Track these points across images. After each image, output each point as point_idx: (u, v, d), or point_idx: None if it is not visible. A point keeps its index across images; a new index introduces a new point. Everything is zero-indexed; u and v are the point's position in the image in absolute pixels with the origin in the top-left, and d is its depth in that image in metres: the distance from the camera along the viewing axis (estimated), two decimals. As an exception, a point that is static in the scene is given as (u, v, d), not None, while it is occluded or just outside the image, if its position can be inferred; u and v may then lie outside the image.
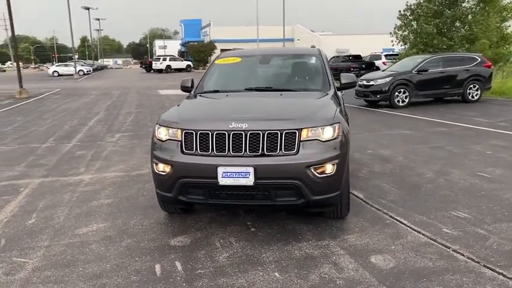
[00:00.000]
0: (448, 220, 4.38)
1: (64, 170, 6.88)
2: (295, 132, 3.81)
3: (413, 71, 14.09)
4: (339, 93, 5.42)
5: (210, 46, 52.48)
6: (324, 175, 3.85)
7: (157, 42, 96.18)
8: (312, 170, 3.79)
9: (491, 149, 7.51)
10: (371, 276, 3.31)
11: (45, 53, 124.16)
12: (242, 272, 3.42)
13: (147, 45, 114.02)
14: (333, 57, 31.95)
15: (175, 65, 49.29)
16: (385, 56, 30.19)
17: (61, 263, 3.66)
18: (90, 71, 52.16)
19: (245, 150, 3.81)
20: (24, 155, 8.17)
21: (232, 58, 5.76)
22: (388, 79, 14.03)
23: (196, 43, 56.11)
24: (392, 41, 26.42)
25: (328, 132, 3.91)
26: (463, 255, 3.61)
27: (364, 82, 14.54)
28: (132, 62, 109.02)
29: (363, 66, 27.90)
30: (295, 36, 57.66)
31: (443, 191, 5.29)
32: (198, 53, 54.71)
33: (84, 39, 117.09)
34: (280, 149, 3.79)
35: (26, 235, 4.28)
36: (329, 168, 3.87)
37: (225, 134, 3.83)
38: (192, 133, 3.92)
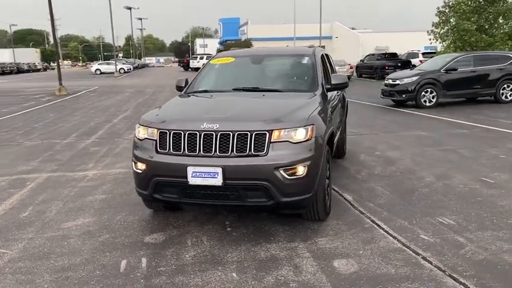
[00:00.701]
0: (430, 226, 4.24)
1: (73, 166, 7.16)
2: (265, 134, 3.81)
3: (441, 70, 13.62)
4: (334, 93, 5.36)
5: (247, 44, 52.66)
6: (294, 177, 3.83)
7: (198, 41, 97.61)
8: (281, 171, 3.78)
9: (506, 153, 7.17)
10: (327, 280, 3.28)
11: (93, 51, 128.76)
12: (201, 271, 3.46)
13: (189, 44, 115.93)
14: (368, 55, 31.37)
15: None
16: (423, 54, 29.28)
17: (36, 255, 3.84)
18: (130, 69, 53.69)
19: (215, 151, 3.85)
20: (44, 150, 8.56)
21: (226, 58, 5.81)
22: (414, 78, 13.64)
23: (233, 41, 56.50)
24: (430, 39, 25.67)
25: (300, 134, 3.88)
26: (431, 263, 3.50)
27: (390, 81, 14.21)
28: (173, 61, 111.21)
29: (399, 64, 27.16)
30: (333, 34, 56.91)
31: (437, 196, 5.12)
32: (235, 52, 54.96)
33: (129, 38, 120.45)
34: (250, 150, 3.80)
35: (15, 227, 4.51)
36: (300, 170, 3.84)
37: (196, 134, 3.89)
38: (166, 133, 4.01)
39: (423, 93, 13.48)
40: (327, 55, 6.59)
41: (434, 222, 4.35)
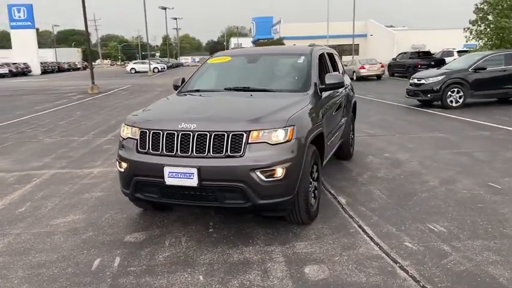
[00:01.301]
0: (418, 233, 4.06)
1: (82, 163, 7.32)
2: (243, 134, 3.75)
3: (469, 69, 13.08)
4: (329, 93, 5.21)
5: (278, 43, 52.45)
6: (272, 179, 3.75)
7: (233, 40, 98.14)
8: (258, 173, 3.71)
9: (523, 157, 6.79)
10: (292, 286, 3.18)
11: (131, 51, 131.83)
12: (169, 273, 3.44)
13: (224, 43, 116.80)
14: (400, 53, 30.58)
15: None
16: (458, 52, 28.24)
17: (17, 250, 3.93)
18: (164, 68, 54.57)
19: (192, 151, 3.81)
20: (60, 147, 8.80)
21: (222, 57, 5.78)
22: (440, 78, 13.16)
23: (265, 40, 56.41)
24: (466, 37, 24.80)
25: (278, 135, 3.80)
26: (407, 273, 3.34)
27: (415, 80, 13.77)
28: None
29: (432, 63, 26.29)
30: (368, 32, 55.83)
31: (435, 202, 4.90)
32: (265, 51, 54.86)
33: (165, 38, 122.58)
34: (226, 151, 3.75)
35: (7, 222, 4.64)
36: (278, 172, 3.76)
37: (174, 133, 3.87)
38: (146, 132, 4.01)
39: (449, 93, 12.98)
40: (330, 54, 6.44)
41: (424, 229, 4.15)
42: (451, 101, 13.00)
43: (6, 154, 8.25)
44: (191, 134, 3.82)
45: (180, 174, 3.80)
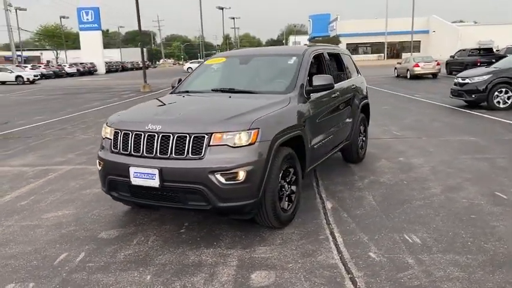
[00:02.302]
0: (390, 243, 3.86)
1: (100, 160, 7.64)
2: (204, 136, 3.76)
3: (520, 68, 12.14)
4: (321, 94, 5.07)
5: (334, 41, 51.49)
6: (232, 182, 3.73)
7: (292, 38, 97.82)
8: (217, 176, 3.70)
9: (551, 165, 6.22)
10: (230, 292, 3.15)
11: (194, 50, 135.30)
12: (122, 271, 3.53)
13: (283, 42, 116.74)
14: (459, 50, 28.96)
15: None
16: (524, 49, 26.24)
17: None
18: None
19: (156, 152, 3.88)
20: (89, 144, 9.27)
21: (218, 58, 5.81)
22: (486, 77, 12.34)
23: (320, 38, 55.68)
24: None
25: (241, 138, 3.77)
26: (355, 285, 3.19)
27: (459, 80, 13.00)
28: None
29: (493, 60, 24.62)
30: (430, 28, 53.43)
31: (426, 211, 4.62)
32: (320, 48, 54.03)
33: (226, 37, 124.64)
34: (188, 153, 3.78)
35: (5, 214, 4.96)
36: (239, 175, 3.73)
37: (141, 134, 3.97)
38: (119, 132, 4.14)
39: (496, 93, 12.14)
40: (335, 54, 6.28)
41: (398, 239, 3.94)
42: (498, 102, 12.16)
43: (38, 149, 8.82)
44: (156, 135, 3.89)
45: (143, 174, 3.88)
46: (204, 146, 3.75)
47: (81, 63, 53.48)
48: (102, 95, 22.85)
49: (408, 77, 27.16)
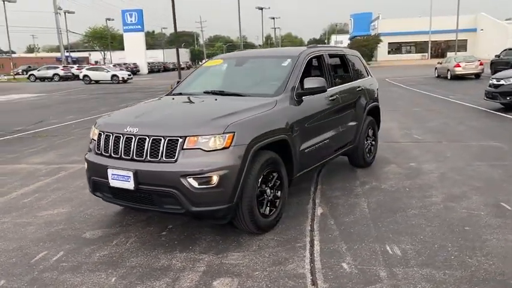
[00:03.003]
0: (367, 254, 3.70)
1: (113, 159, 7.82)
2: (177, 140, 3.75)
3: (559, 69, 11.37)
4: (317, 97, 4.94)
5: (374, 40, 50.38)
6: (205, 186, 3.70)
7: (334, 38, 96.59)
8: (190, 179, 3.68)
9: None
10: (187, 298, 3.12)
11: (235, 50, 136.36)
12: (91, 271, 3.57)
13: (325, 41, 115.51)
14: (505, 49, 27.53)
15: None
16: None
17: (-11, 238, 4.37)
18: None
19: (132, 155, 3.91)
20: (108, 143, 9.50)
21: (216, 60, 5.78)
22: (522, 78, 11.65)
23: (361, 37, 54.56)
24: None
25: (214, 142, 3.73)
26: (315, 297, 3.07)
27: (494, 81, 12.35)
28: None
29: (542, 61, 23.30)
30: (478, 26, 51.15)
31: (418, 220, 4.41)
32: (360, 47, 52.95)
33: (268, 37, 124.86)
34: (162, 156, 3.78)
35: (5, 211, 5.16)
36: (212, 180, 3.69)
37: (120, 137, 4.01)
38: (101, 134, 4.20)
39: (533, 96, 11.43)
40: (340, 56, 6.12)
41: (378, 250, 3.77)
42: (535, 105, 11.44)
43: (60, 148, 9.14)
44: (133, 137, 3.91)
45: (120, 176, 3.91)
46: (178, 149, 3.73)
47: (124, 64, 55.10)
48: (140, 95, 23.44)
49: (449, 77, 26.14)
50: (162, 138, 3.79)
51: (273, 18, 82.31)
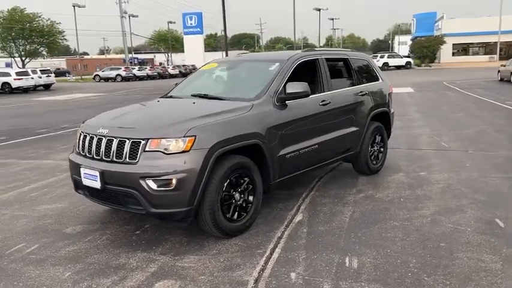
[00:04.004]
0: (322, 265, 3.59)
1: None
2: (140, 142, 3.85)
3: None
4: (299, 101, 4.84)
5: (437, 41, 48.03)
6: (163, 188, 3.76)
7: (398, 38, 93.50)
8: (148, 181, 3.76)
9: None
10: (123, 297, 3.19)
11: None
12: (52, 265, 3.74)
13: (389, 42, 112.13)
14: None
15: (393, 62, 47.22)
16: None
17: (-19, 228, 4.71)
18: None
19: (101, 155, 4.07)
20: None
21: (212, 64, 5.84)
22: None
23: (422, 38, 52.25)
24: None
25: (175, 145, 3.79)
26: (246, 306, 3.03)
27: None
28: None
29: None
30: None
31: (395, 233, 4.20)
32: (422, 48, 50.80)
33: (329, 39, 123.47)
34: (126, 157, 3.90)
35: (10, 203, 5.52)
36: (171, 182, 3.75)
37: (93, 137, 4.18)
38: (81, 135, 4.41)
39: None
40: (344, 60, 5.98)
41: (336, 261, 3.64)
42: None
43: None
44: (103, 138, 4.07)
45: (89, 175, 4.08)
46: (140, 151, 3.83)
47: (183, 65, 56.87)
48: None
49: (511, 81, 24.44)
50: (127, 140, 3.90)
51: (332, 20, 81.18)
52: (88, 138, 4.24)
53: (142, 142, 3.83)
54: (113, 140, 3.98)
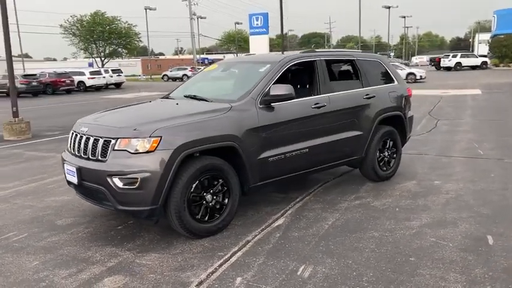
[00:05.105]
0: (274, 272, 3.51)
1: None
2: (110, 141, 4.01)
3: None
4: (288, 103, 4.75)
5: (514, 39, 44.17)
6: (128, 187, 3.89)
7: (478, 36, 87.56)
8: (115, 179, 3.90)
9: None
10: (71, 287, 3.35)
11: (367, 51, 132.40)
12: (27, 254, 3.99)
13: (470, 40, 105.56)
14: None
15: (466, 62, 44.13)
16: None
17: (-13, 216, 5.13)
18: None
19: (80, 153, 4.28)
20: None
21: (213, 66, 5.89)
22: None
23: (502, 36, 48.34)
24: None
25: (140, 145, 3.90)
26: (175, 307, 3.06)
27: None
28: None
29: None
30: None
31: (367, 244, 4.01)
32: (500, 47, 47.02)
33: (403, 37, 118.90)
34: (98, 155, 4.08)
35: (26, 194, 5.97)
36: (133, 181, 3.87)
37: (76, 135, 4.42)
38: (71, 132, 4.67)
39: None
40: (348, 61, 5.78)
41: (290, 269, 3.55)
42: None
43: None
44: (83, 136, 4.28)
45: (70, 171, 4.32)
46: (110, 150, 3.98)
47: (248, 65, 57.52)
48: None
49: None
50: (100, 139, 4.07)
51: (404, 17, 77.96)
52: (73, 135, 4.47)
53: (112, 141, 3.98)
54: (89, 138, 4.17)
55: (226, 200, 4.34)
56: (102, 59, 57.47)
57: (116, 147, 3.95)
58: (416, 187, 5.75)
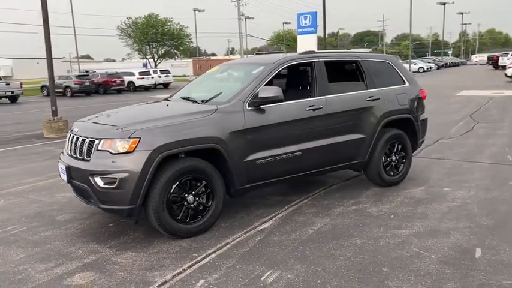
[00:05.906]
0: (239, 276, 3.50)
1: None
2: (94, 141, 4.15)
3: None
4: (270, 106, 4.69)
5: None
6: (108, 186, 4.01)
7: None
8: (96, 178, 4.04)
9: None
10: (46, 279, 3.50)
11: (423, 49, 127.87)
12: (18, 247, 4.20)
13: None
14: None
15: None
16: None
17: (-6, 208, 5.45)
18: (431, 68, 51.40)
19: (71, 152, 4.47)
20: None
21: (216, 67, 5.92)
22: None
23: None
24: None
25: (120, 145, 4.01)
26: (129, 306, 3.12)
27: None
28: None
29: None
30: None
31: (345, 252, 3.89)
32: None
33: (463, 34, 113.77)
34: (84, 155, 4.24)
35: (40, 189, 6.29)
36: (112, 181, 3.98)
37: (70, 135, 4.61)
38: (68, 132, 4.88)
39: None
40: (352, 62, 5.64)
41: (256, 273, 3.52)
42: None
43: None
44: (74, 136, 4.46)
45: (62, 169, 4.51)
46: (93, 150, 4.12)
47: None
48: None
49: None
50: (86, 139, 4.22)
51: (461, 14, 74.47)
52: (69, 135, 4.67)
53: (96, 142, 4.11)
54: (79, 138, 4.33)
55: (210, 202, 4.36)
56: (156, 59, 59.28)
57: (99, 148, 4.08)
58: (422, 194, 5.49)
